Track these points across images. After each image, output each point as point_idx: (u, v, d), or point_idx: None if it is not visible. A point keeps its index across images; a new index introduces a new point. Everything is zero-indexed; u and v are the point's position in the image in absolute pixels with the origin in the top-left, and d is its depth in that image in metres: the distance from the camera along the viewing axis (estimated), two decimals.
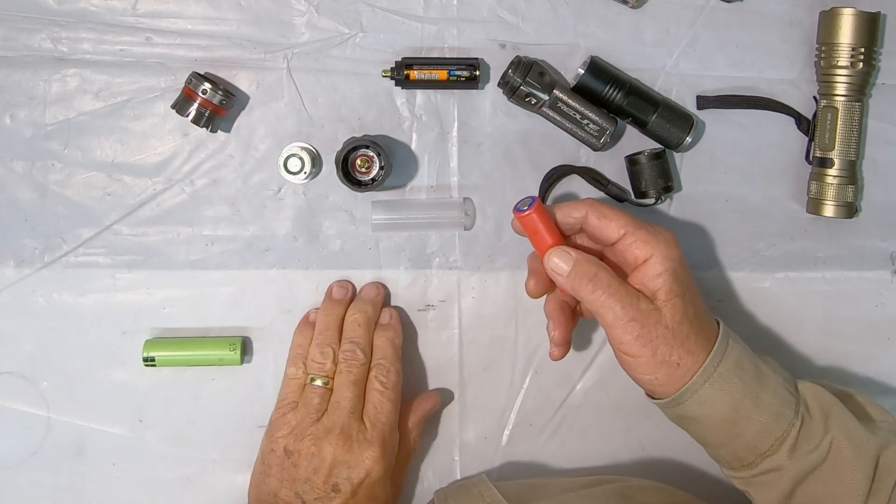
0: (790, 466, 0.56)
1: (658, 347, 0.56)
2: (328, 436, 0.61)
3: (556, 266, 0.59)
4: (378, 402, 0.63)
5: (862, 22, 0.67)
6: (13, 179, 0.68)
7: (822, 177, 0.69)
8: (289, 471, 0.61)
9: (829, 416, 0.58)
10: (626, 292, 0.57)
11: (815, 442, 0.56)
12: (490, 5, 0.69)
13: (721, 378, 0.57)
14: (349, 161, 0.66)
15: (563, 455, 0.73)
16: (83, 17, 0.67)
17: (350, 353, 0.64)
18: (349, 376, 0.64)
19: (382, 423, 0.63)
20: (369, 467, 0.61)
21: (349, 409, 0.62)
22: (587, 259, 0.58)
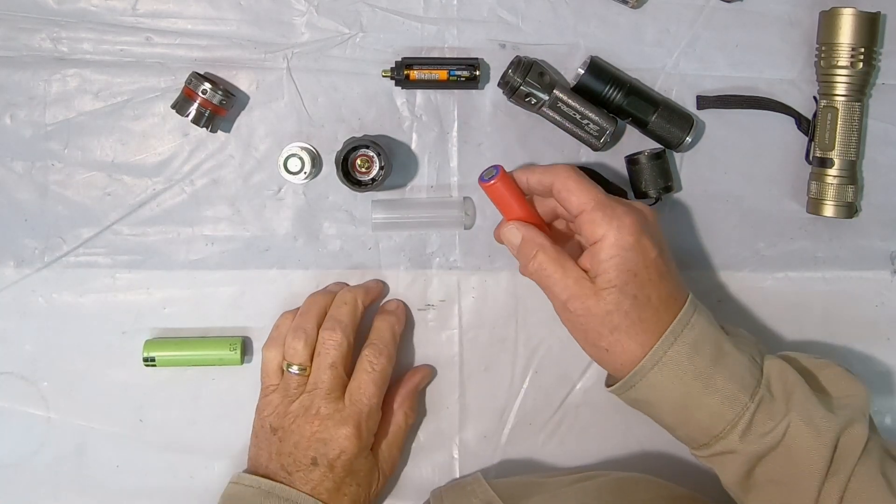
0: (742, 449, 0.57)
1: (587, 332, 0.59)
2: (305, 414, 0.63)
3: (508, 241, 0.63)
4: (363, 382, 0.64)
5: (862, 22, 0.67)
6: (13, 179, 0.68)
7: (822, 177, 0.69)
8: (275, 445, 0.64)
9: (791, 397, 0.57)
10: (563, 274, 0.59)
11: (770, 425, 0.56)
12: (490, 5, 0.69)
13: (671, 362, 0.57)
14: (349, 161, 0.66)
15: (562, 454, 0.73)
16: (83, 17, 0.67)
17: (328, 334, 0.64)
18: (326, 359, 0.64)
19: (362, 404, 0.63)
20: (343, 445, 0.62)
21: (326, 391, 0.63)
22: (533, 239, 0.61)
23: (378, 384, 0.64)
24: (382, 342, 0.66)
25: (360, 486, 0.64)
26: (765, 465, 0.57)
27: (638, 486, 0.66)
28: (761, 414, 0.57)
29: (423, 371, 0.71)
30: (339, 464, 0.62)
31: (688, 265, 0.71)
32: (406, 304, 0.71)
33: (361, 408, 0.63)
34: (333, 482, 0.62)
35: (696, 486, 0.68)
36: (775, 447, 0.57)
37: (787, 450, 0.56)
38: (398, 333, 0.68)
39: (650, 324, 0.58)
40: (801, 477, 0.56)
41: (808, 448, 0.56)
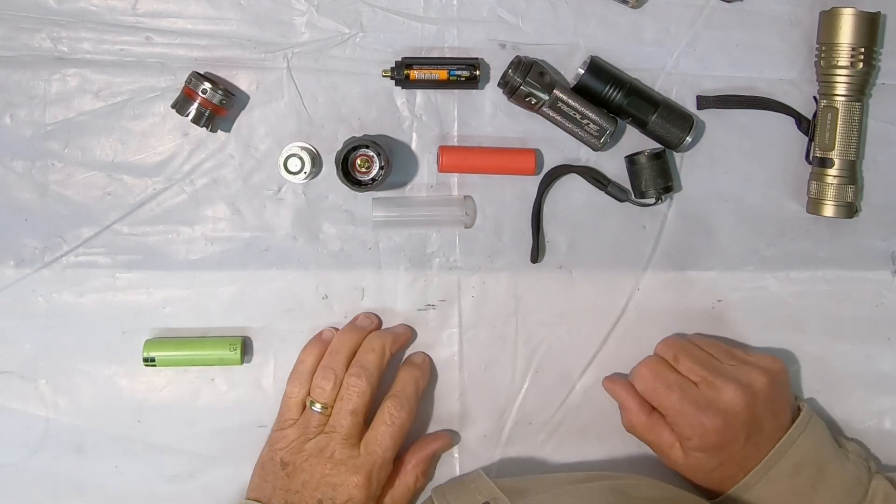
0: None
1: (687, 474, 0.66)
2: (320, 455, 0.63)
3: (614, 395, 0.71)
4: (381, 433, 0.64)
5: (862, 22, 0.67)
6: (13, 179, 0.68)
7: (822, 177, 0.69)
8: (282, 480, 0.64)
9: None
10: (658, 441, 0.67)
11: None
12: (490, 5, 0.69)
13: (773, 480, 0.61)
14: (349, 161, 0.66)
15: (562, 454, 0.73)
16: (83, 16, 0.67)
17: (354, 380, 0.65)
18: (348, 405, 0.64)
19: (377, 455, 0.63)
20: (351, 493, 0.62)
21: (343, 436, 0.63)
22: (632, 407, 0.68)
23: (395, 438, 0.64)
24: (405, 396, 0.66)
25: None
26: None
27: (639, 489, 0.65)
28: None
29: (444, 438, 0.70)
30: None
31: (688, 265, 0.72)
32: (431, 357, 0.71)
33: (376, 458, 0.63)
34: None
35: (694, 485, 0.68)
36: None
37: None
38: (422, 388, 0.68)
39: (760, 447, 0.63)
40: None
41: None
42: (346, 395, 0.64)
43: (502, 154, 0.69)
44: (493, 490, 0.64)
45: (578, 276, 0.72)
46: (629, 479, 0.67)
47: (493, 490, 0.64)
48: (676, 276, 0.72)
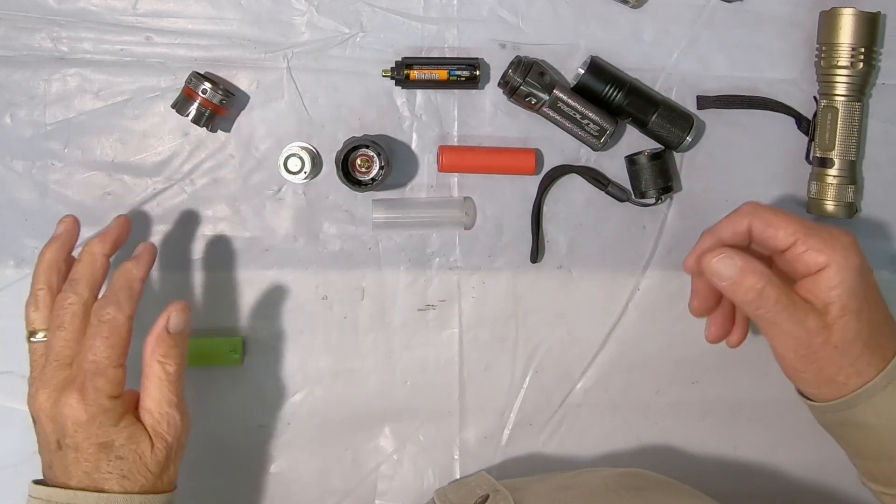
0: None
1: (823, 367, 0.54)
2: (42, 389, 0.56)
3: (718, 272, 0.55)
4: (89, 338, 0.55)
5: (862, 22, 0.67)
6: (13, 179, 0.68)
7: (822, 177, 0.69)
8: (39, 439, 0.58)
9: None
10: (794, 308, 0.53)
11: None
12: (490, 5, 0.69)
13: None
14: (349, 161, 0.66)
15: (563, 454, 0.73)
16: (83, 16, 0.67)
17: (61, 296, 0.57)
18: (55, 321, 0.57)
19: (87, 362, 0.54)
20: (70, 415, 0.54)
21: (55, 358, 0.57)
22: (753, 270, 0.54)
23: (106, 337, 0.54)
24: (112, 290, 0.57)
25: (124, 458, 0.55)
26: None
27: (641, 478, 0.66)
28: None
29: (173, 307, 0.58)
30: (80, 439, 0.54)
31: None
32: (154, 245, 0.62)
33: (86, 366, 0.54)
34: (87, 462, 0.54)
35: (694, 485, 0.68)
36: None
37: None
38: (136, 277, 0.58)
39: (880, 353, 0.55)
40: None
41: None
42: (55, 310, 0.57)
43: (502, 154, 0.69)
44: (493, 484, 0.64)
45: (578, 276, 0.72)
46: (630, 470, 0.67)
47: (494, 484, 0.64)
48: (676, 276, 0.72)
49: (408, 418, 0.72)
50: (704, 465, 0.73)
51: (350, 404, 0.71)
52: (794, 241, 0.55)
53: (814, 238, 0.54)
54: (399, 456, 0.72)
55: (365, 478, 0.72)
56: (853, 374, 0.54)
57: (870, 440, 0.56)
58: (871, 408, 0.54)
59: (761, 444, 0.73)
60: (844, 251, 0.54)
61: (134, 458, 0.55)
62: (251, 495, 0.71)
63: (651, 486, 0.64)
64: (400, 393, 0.72)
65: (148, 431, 0.56)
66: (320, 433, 0.71)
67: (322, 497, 0.72)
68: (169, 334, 0.57)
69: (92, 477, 0.54)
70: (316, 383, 0.71)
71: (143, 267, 0.59)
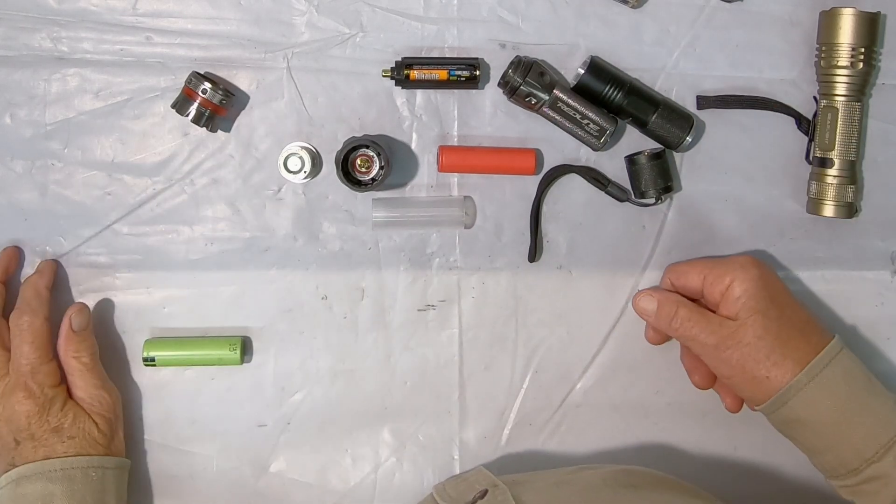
0: (895, 475, 0.57)
1: (744, 365, 0.61)
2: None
3: (643, 310, 0.67)
4: (15, 346, 0.64)
5: (862, 22, 0.67)
6: (13, 179, 0.68)
7: (822, 177, 0.69)
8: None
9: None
10: (707, 321, 0.63)
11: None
12: (490, 5, 0.69)
13: (827, 380, 0.59)
14: (349, 161, 0.66)
15: (562, 454, 0.73)
16: (83, 16, 0.67)
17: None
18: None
19: (21, 365, 0.63)
20: (21, 410, 0.62)
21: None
22: (668, 299, 0.66)
23: (30, 341, 0.63)
24: (23, 301, 0.65)
25: (75, 437, 0.63)
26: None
27: (639, 476, 0.66)
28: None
29: (72, 309, 0.66)
30: (35, 429, 0.62)
31: None
32: (57, 261, 0.68)
33: (23, 369, 0.63)
34: (45, 447, 0.62)
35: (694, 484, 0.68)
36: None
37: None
38: (43, 285, 0.66)
39: (801, 346, 0.61)
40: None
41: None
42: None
43: (502, 154, 0.69)
44: (492, 479, 0.64)
45: (578, 275, 0.72)
46: (628, 468, 0.67)
47: (493, 479, 0.64)
48: None
49: (407, 418, 0.72)
50: (704, 465, 0.73)
51: (350, 404, 0.72)
52: (703, 276, 0.64)
53: (717, 268, 0.64)
54: (399, 456, 0.72)
55: (365, 477, 0.72)
56: (771, 366, 0.60)
57: (810, 435, 0.61)
58: (801, 403, 0.59)
59: (761, 444, 0.73)
60: (742, 268, 0.62)
61: (83, 435, 0.64)
62: (251, 495, 0.71)
63: (648, 483, 0.64)
64: (399, 393, 0.72)
65: (86, 412, 0.65)
66: (320, 433, 0.71)
67: (322, 497, 0.72)
68: (74, 333, 0.66)
69: (51, 457, 0.62)
70: (316, 383, 0.71)
71: (47, 277, 0.67)
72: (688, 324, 0.63)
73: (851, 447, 0.59)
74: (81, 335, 0.66)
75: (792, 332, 0.61)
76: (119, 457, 0.66)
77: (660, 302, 0.66)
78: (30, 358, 0.63)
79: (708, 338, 0.62)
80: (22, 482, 0.61)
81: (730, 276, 0.62)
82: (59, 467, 0.62)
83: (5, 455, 0.63)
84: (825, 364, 0.60)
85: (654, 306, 0.66)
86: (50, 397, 0.63)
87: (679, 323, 0.64)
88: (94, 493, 0.63)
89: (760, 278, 0.62)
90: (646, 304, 0.67)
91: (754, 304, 0.61)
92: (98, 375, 0.66)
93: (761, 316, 0.61)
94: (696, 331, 0.63)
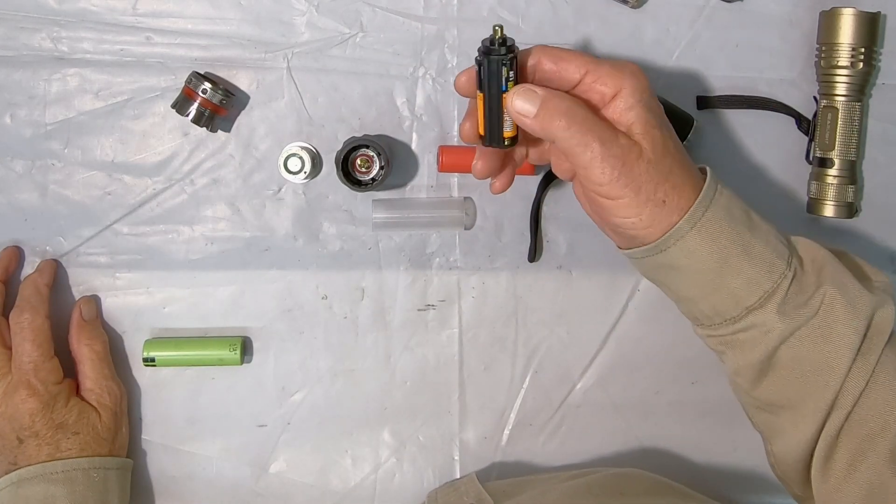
0: (777, 322, 0.52)
1: (642, 185, 0.51)
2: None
3: (521, 107, 0.51)
4: (17, 345, 0.63)
5: (862, 22, 0.67)
6: (13, 179, 0.68)
7: (822, 177, 0.69)
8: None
9: (823, 269, 0.54)
10: (604, 127, 0.51)
11: (806, 296, 0.53)
12: (490, 5, 0.69)
13: (709, 223, 0.52)
14: (349, 161, 0.66)
15: (563, 455, 0.73)
16: (83, 16, 0.67)
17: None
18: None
19: (24, 363, 0.63)
20: (25, 408, 0.62)
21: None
22: (557, 94, 0.51)
23: (31, 339, 0.63)
24: (23, 299, 0.65)
25: (79, 432, 0.64)
26: (794, 342, 0.53)
27: (631, 480, 0.66)
28: (797, 284, 0.53)
29: (80, 300, 0.68)
30: (39, 426, 0.62)
31: None
32: (56, 260, 0.68)
33: (25, 367, 0.63)
34: (49, 445, 0.62)
35: (694, 485, 0.68)
36: (810, 320, 0.53)
37: (821, 323, 0.52)
38: (43, 284, 0.66)
39: (689, 174, 0.53)
40: (832, 354, 0.52)
41: (844, 321, 0.52)
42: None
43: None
44: (479, 493, 0.65)
45: (578, 276, 0.72)
46: (621, 472, 0.67)
47: (480, 492, 0.65)
48: None
49: (407, 418, 0.72)
50: (703, 465, 0.73)
51: (350, 404, 0.72)
52: (584, 72, 0.52)
53: (603, 67, 0.52)
54: (399, 456, 0.72)
55: (364, 478, 0.72)
56: (670, 189, 0.52)
57: (683, 281, 0.55)
58: (680, 251, 0.52)
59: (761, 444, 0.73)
60: (633, 75, 0.52)
61: (87, 431, 0.64)
62: (251, 495, 0.71)
63: (636, 490, 0.64)
64: (399, 393, 0.72)
65: (93, 405, 0.65)
66: (320, 433, 0.71)
67: (322, 497, 0.72)
68: (85, 321, 0.67)
69: (55, 455, 0.62)
70: (316, 383, 0.71)
71: (47, 276, 0.67)
72: (583, 126, 0.50)
73: (731, 294, 0.53)
74: (92, 324, 0.67)
75: (683, 156, 0.53)
76: (122, 455, 0.67)
77: (545, 98, 0.51)
78: (32, 356, 0.63)
79: (606, 147, 0.50)
80: (23, 484, 0.61)
81: (619, 80, 0.51)
82: (61, 469, 0.62)
83: (8, 453, 0.63)
84: (707, 205, 0.52)
85: (535, 105, 0.51)
86: (54, 394, 0.63)
87: (572, 123, 0.50)
88: (96, 495, 0.63)
89: (649, 90, 0.53)
90: (526, 99, 0.51)
91: (651, 119, 0.52)
92: (109, 366, 0.67)
93: (659, 132, 0.52)
94: (591, 137, 0.50)
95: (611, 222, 0.54)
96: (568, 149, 0.51)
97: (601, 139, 0.50)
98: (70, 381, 0.65)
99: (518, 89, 0.51)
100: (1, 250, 0.68)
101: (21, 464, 0.62)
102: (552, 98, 0.51)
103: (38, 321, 0.64)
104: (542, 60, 0.53)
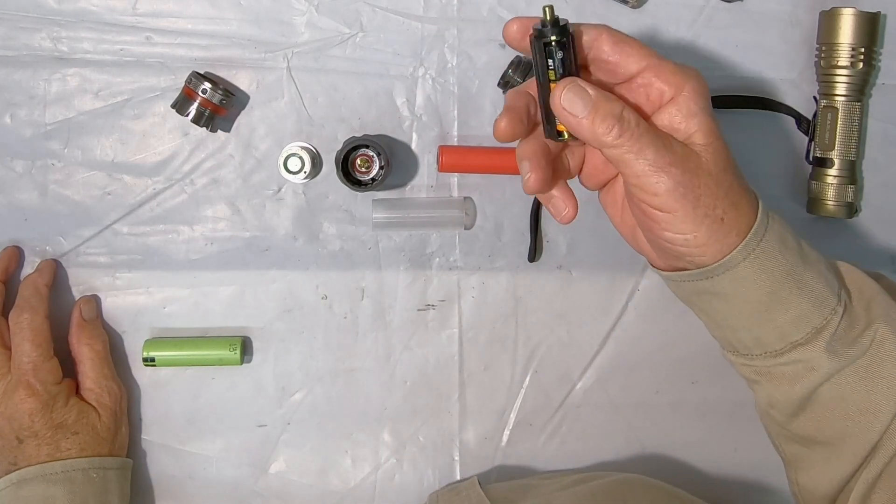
0: (824, 360, 0.49)
1: (700, 198, 0.46)
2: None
3: (571, 103, 0.46)
4: (17, 345, 0.63)
5: (862, 22, 0.67)
6: (13, 179, 0.68)
7: (822, 177, 0.69)
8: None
9: (871, 302, 0.51)
10: (657, 134, 0.46)
11: (856, 332, 0.50)
12: (490, 5, 0.69)
13: (764, 254, 0.48)
14: (349, 161, 0.66)
15: (563, 455, 0.73)
16: (83, 16, 0.67)
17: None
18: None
19: (23, 363, 0.63)
20: (24, 409, 0.62)
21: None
22: (609, 97, 0.46)
23: (31, 339, 0.63)
24: (22, 299, 0.65)
25: (79, 432, 0.64)
26: (839, 379, 0.50)
27: (634, 489, 0.65)
28: (846, 320, 0.50)
29: (80, 300, 0.68)
30: (39, 426, 0.62)
31: None
32: (56, 260, 0.68)
33: (24, 367, 0.62)
34: (48, 445, 0.62)
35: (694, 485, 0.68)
36: (858, 359, 0.50)
37: (870, 362, 0.50)
38: (42, 283, 0.66)
39: (747, 193, 0.49)
40: (879, 395, 0.50)
41: (894, 362, 0.49)
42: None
43: (502, 154, 0.69)
44: (481, 497, 0.65)
45: (578, 276, 0.72)
46: (624, 479, 0.67)
47: (481, 497, 0.65)
48: None
49: (407, 418, 0.72)
50: (704, 465, 0.73)
51: (350, 404, 0.72)
52: (645, 65, 0.47)
53: (667, 64, 0.47)
54: (399, 456, 0.72)
55: (364, 478, 0.72)
56: (729, 206, 0.47)
57: (728, 309, 0.51)
58: (729, 279, 0.48)
59: (761, 444, 0.72)
60: (697, 79, 0.47)
61: (87, 430, 0.64)
62: (251, 495, 0.71)
63: (639, 499, 0.64)
64: (399, 393, 0.72)
65: (93, 405, 0.65)
66: (320, 433, 0.71)
67: (322, 497, 0.72)
68: (85, 321, 0.67)
69: (55, 456, 0.62)
70: (316, 383, 0.71)
71: (46, 275, 0.67)
72: (636, 133, 0.45)
73: (776, 328, 0.49)
74: (92, 323, 0.67)
75: (738, 171, 0.49)
76: (121, 455, 0.67)
77: (598, 99, 0.45)
78: (31, 356, 0.63)
79: (661, 156, 0.45)
80: (22, 485, 0.61)
81: (683, 81, 0.47)
82: (60, 469, 0.62)
83: (8, 454, 0.63)
84: (763, 233, 0.48)
85: (587, 104, 0.45)
86: (53, 394, 0.63)
87: (625, 130, 0.45)
88: (96, 495, 0.63)
89: (710, 98, 0.48)
90: (575, 96, 0.45)
91: (716, 129, 0.47)
92: (109, 366, 0.67)
93: (722, 143, 0.48)
94: (644, 144, 0.45)
95: (662, 237, 0.48)
96: (617, 156, 0.46)
97: (655, 146, 0.46)
98: (69, 381, 0.65)
99: (567, 83, 0.46)
100: (1, 250, 0.68)
101: (21, 464, 0.62)
102: (604, 103, 0.45)
103: (38, 321, 0.64)
104: (603, 41, 0.47)
